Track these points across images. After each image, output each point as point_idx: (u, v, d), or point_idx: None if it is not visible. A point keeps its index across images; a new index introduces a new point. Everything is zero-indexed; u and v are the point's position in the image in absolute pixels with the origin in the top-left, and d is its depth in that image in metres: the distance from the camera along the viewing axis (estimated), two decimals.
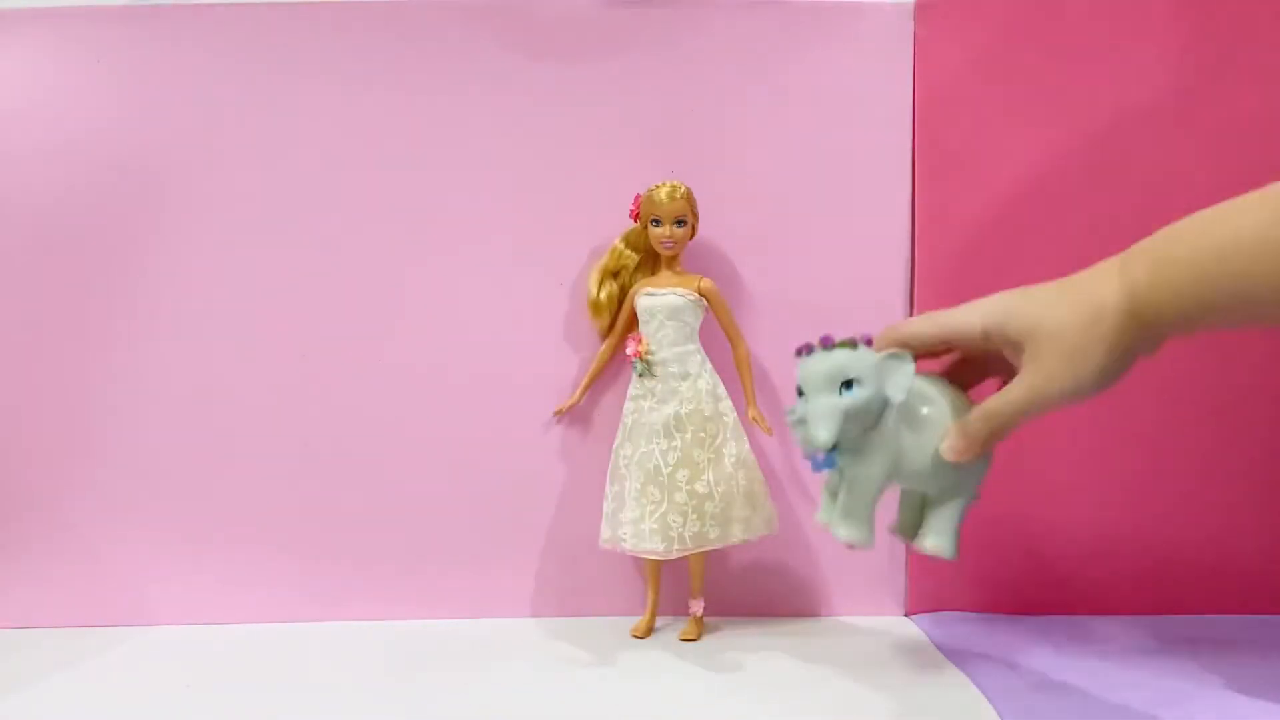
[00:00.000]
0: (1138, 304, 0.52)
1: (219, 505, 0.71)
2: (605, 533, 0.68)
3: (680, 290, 0.67)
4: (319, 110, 0.72)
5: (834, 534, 0.53)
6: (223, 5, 0.72)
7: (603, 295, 0.70)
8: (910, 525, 0.58)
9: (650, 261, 0.71)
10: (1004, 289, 0.71)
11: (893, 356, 0.52)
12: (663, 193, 0.67)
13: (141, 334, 0.72)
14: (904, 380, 0.52)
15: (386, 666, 0.61)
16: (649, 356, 0.67)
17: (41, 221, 0.71)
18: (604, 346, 0.71)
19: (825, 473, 0.54)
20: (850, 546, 0.53)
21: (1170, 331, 0.52)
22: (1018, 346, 0.53)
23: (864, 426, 0.53)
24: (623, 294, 0.70)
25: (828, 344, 0.52)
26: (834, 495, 0.55)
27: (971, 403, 0.55)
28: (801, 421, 0.52)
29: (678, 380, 0.67)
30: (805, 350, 0.53)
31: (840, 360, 0.51)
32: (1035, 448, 0.71)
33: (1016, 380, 0.52)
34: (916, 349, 0.54)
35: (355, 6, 0.72)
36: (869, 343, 0.53)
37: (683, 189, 0.67)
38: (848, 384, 0.51)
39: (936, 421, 0.54)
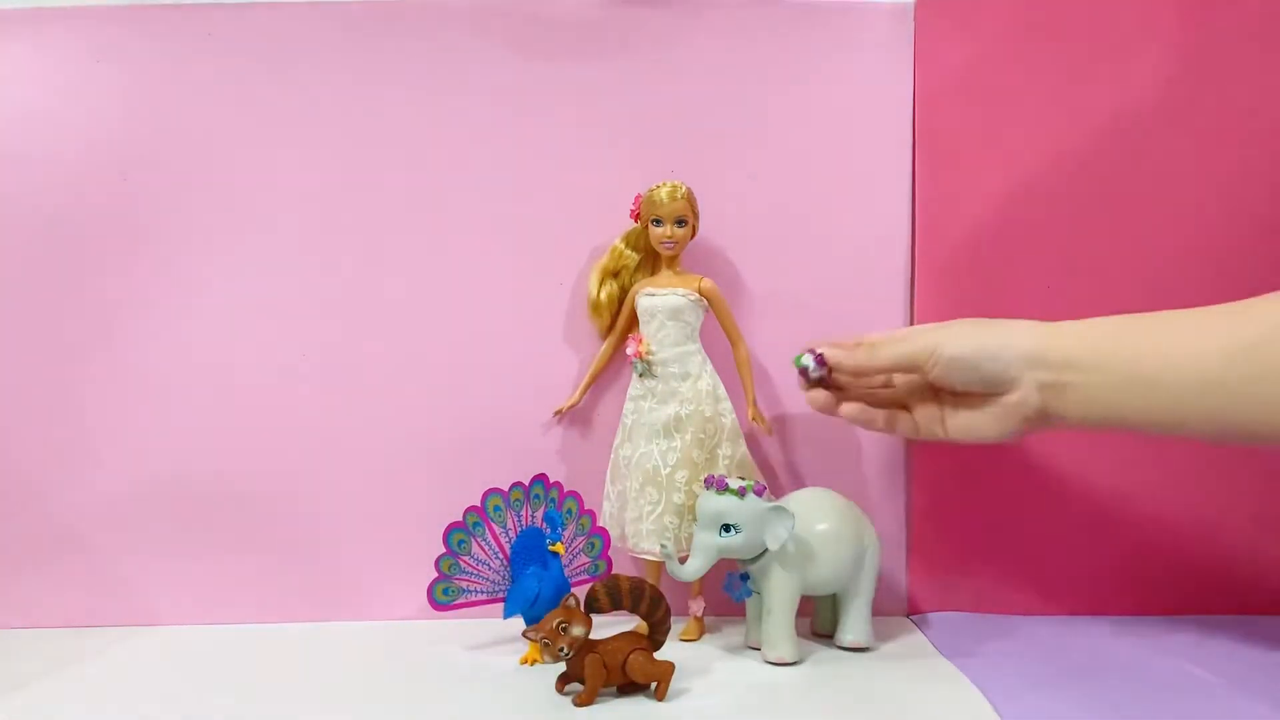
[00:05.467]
0: (1047, 406, 0.56)
1: (219, 506, 0.71)
2: (614, 531, 0.68)
3: (681, 290, 0.67)
4: (319, 109, 0.72)
5: (765, 657, 0.61)
6: (223, 5, 0.72)
7: (603, 295, 0.70)
8: (827, 621, 0.66)
9: (650, 261, 0.71)
10: (1004, 288, 0.72)
11: (775, 509, 0.60)
12: (663, 192, 0.67)
13: (142, 333, 0.72)
14: (783, 532, 0.59)
15: (385, 667, 0.61)
16: (649, 356, 0.67)
17: (41, 220, 0.71)
18: (604, 346, 0.71)
19: (746, 599, 0.62)
20: (782, 664, 0.60)
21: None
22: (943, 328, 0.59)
23: (756, 557, 0.61)
24: (623, 294, 0.70)
25: (720, 488, 0.59)
26: (757, 618, 0.62)
27: (863, 513, 0.65)
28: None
29: (678, 381, 0.67)
30: (708, 482, 0.60)
31: (723, 506, 0.59)
32: (1035, 449, 0.71)
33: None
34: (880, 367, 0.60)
35: (355, 6, 0.72)
36: (761, 492, 0.60)
37: (683, 189, 0.67)
38: (727, 528, 0.59)
39: (833, 535, 0.62)
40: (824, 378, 0.62)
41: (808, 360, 0.61)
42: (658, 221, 0.67)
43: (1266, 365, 0.50)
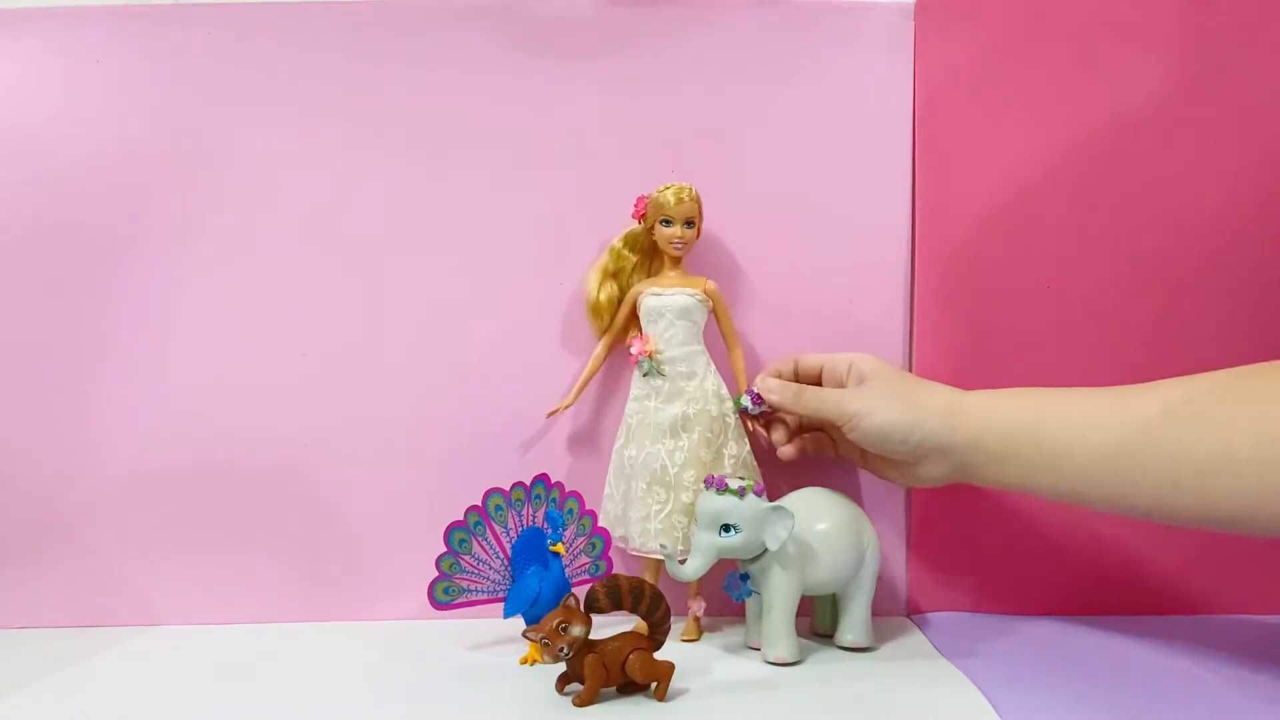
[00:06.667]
0: (955, 477, 0.63)
1: (219, 505, 0.71)
2: (616, 532, 0.68)
3: (689, 290, 0.67)
4: (318, 110, 0.72)
5: (764, 656, 0.61)
6: (222, 5, 0.72)
7: (603, 296, 0.70)
8: (827, 620, 0.66)
9: (647, 263, 0.71)
10: (1004, 288, 0.72)
11: (775, 509, 0.60)
12: (671, 194, 0.67)
13: (141, 333, 0.72)
14: (782, 532, 0.59)
15: (385, 667, 0.61)
16: (658, 356, 0.67)
17: (40, 218, 0.71)
18: (599, 348, 0.71)
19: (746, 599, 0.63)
20: (781, 664, 0.60)
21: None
22: (860, 378, 0.64)
23: (756, 557, 0.61)
24: (621, 295, 0.70)
25: (720, 488, 0.59)
26: (757, 618, 0.63)
27: (863, 513, 0.65)
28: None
29: (684, 380, 0.67)
30: (707, 482, 0.60)
31: (723, 506, 0.59)
32: None
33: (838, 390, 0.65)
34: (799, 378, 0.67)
35: (355, 6, 0.72)
36: (761, 492, 0.60)
37: (691, 190, 0.67)
38: (726, 528, 0.59)
39: (833, 535, 0.62)
40: (765, 412, 0.68)
41: (745, 400, 0.67)
42: (667, 222, 0.67)
43: (1148, 458, 0.54)
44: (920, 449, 0.61)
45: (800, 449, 0.68)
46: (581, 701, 0.53)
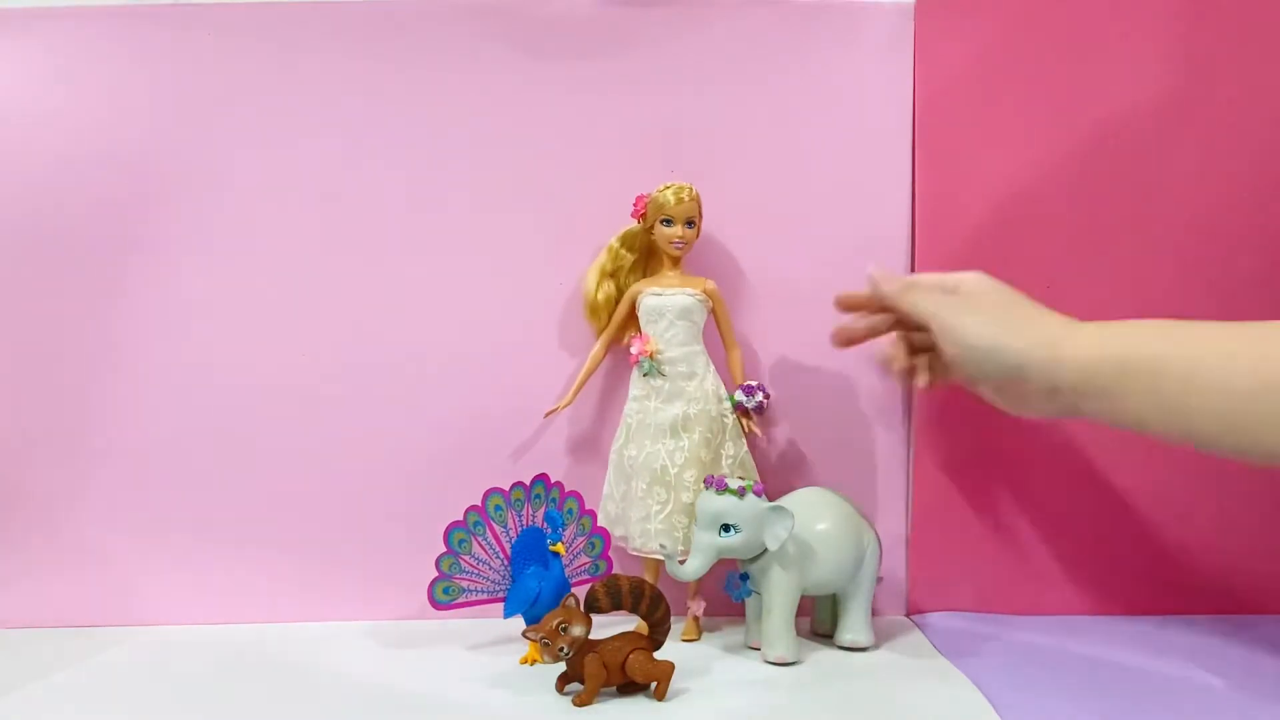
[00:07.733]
0: (1064, 403, 0.54)
1: (219, 505, 0.71)
2: (615, 532, 0.68)
3: (689, 290, 0.67)
4: (319, 109, 0.72)
5: (764, 656, 0.61)
6: (222, 5, 0.72)
7: (601, 296, 0.70)
8: (827, 619, 0.66)
9: (644, 262, 0.71)
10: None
11: (775, 509, 0.60)
12: (671, 194, 0.67)
13: (141, 332, 0.72)
14: (782, 532, 0.59)
15: (386, 666, 0.61)
16: (659, 355, 0.67)
17: (41, 220, 0.71)
18: (596, 347, 0.71)
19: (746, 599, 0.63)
20: (781, 664, 0.60)
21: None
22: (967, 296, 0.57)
23: (756, 557, 0.61)
24: (619, 295, 0.70)
25: (720, 488, 0.60)
26: (757, 618, 0.63)
27: (864, 514, 0.65)
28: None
29: (684, 380, 0.67)
30: (707, 482, 0.60)
31: (723, 506, 0.59)
32: (1037, 448, 0.71)
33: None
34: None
35: (355, 6, 0.72)
36: (760, 492, 0.60)
37: (691, 190, 0.67)
38: (726, 527, 0.59)
39: (832, 535, 0.62)
40: (760, 406, 0.68)
41: (740, 395, 0.67)
42: (667, 222, 0.67)
43: None
44: (1018, 376, 0.54)
45: (932, 375, 0.61)
46: (581, 701, 0.53)
